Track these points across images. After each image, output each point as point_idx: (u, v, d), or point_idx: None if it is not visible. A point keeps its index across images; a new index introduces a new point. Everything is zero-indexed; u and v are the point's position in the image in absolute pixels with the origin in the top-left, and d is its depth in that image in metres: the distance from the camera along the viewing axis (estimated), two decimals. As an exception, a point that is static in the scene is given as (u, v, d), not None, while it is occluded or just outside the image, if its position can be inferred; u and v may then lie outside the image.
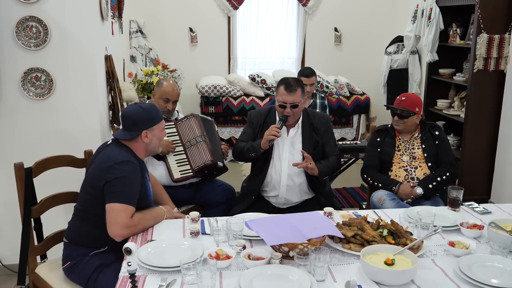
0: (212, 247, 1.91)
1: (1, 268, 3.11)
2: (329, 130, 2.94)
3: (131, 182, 2.05)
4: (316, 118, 2.92)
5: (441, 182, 2.86)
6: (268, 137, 2.71)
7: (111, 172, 2.04)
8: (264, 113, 2.96)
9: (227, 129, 5.57)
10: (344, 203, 4.55)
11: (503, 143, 4.08)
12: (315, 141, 2.87)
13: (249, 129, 2.96)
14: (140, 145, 2.18)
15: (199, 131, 3.01)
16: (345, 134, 5.73)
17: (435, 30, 4.76)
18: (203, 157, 2.95)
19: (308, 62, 6.28)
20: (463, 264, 1.74)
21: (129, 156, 2.11)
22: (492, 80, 4.15)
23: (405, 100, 2.94)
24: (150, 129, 2.17)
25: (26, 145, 2.94)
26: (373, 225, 2.01)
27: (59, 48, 2.85)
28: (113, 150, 2.14)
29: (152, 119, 2.18)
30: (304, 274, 1.66)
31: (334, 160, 2.91)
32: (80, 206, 2.19)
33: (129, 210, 2.01)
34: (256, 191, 2.89)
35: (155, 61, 5.30)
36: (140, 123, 2.15)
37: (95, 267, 2.09)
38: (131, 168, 2.07)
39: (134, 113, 2.16)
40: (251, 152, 2.82)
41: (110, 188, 2.02)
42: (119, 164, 2.05)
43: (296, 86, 2.74)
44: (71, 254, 2.16)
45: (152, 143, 2.20)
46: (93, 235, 2.13)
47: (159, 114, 2.24)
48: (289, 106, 2.73)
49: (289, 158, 2.84)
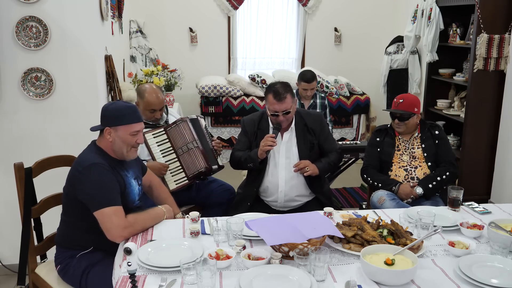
0: (212, 247, 1.91)
1: (1, 268, 3.11)
2: (324, 128, 2.91)
3: (103, 183, 2.01)
4: (309, 118, 2.88)
5: (441, 182, 2.86)
6: (264, 148, 2.68)
7: (81, 181, 2.02)
8: (257, 119, 2.90)
9: (227, 129, 5.57)
10: (344, 203, 4.56)
11: (503, 143, 4.08)
12: (311, 142, 2.84)
13: (244, 137, 2.93)
14: (104, 142, 2.13)
15: (190, 137, 2.95)
16: (345, 134, 5.72)
17: (435, 30, 4.75)
18: (197, 164, 2.92)
19: (308, 62, 6.29)
20: (463, 264, 1.74)
21: (96, 158, 2.06)
22: (492, 80, 4.15)
23: (403, 102, 2.93)
24: (114, 128, 2.09)
25: (26, 145, 2.94)
26: (373, 225, 2.01)
27: (59, 48, 2.85)
28: (83, 154, 2.13)
29: (119, 118, 2.08)
30: (304, 274, 1.66)
31: (334, 156, 2.89)
32: (62, 210, 2.21)
33: (118, 211, 1.99)
34: (252, 197, 2.86)
35: (155, 61, 5.30)
36: (106, 119, 2.10)
37: (82, 270, 2.10)
38: (97, 170, 2.02)
39: (106, 107, 2.12)
40: (249, 163, 2.79)
41: (87, 196, 2.01)
42: (85, 169, 2.02)
43: (284, 93, 2.68)
44: (59, 256, 2.18)
45: (116, 144, 2.11)
46: (76, 238, 2.14)
47: (131, 117, 2.11)
48: (281, 114, 2.70)
49: (286, 163, 2.81)
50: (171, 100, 4.68)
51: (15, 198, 2.26)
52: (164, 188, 2.55)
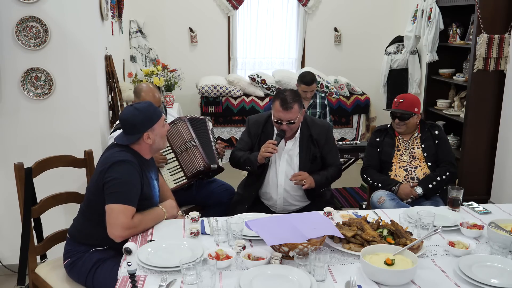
0: (212, 247, 1.91)
1: (1, 268, 3.11)
2: (329, 140, 2.84)
3: (129, 182, 2.04)
4: (316, 129, 2.80)
5: (441, 182, 2.86)
6: (264, 154, 2.64)
7: (108, 173, 2.03)
8: (262, 122, 2.85)
9: (227, 129, 5.57)
10: (344, 203, 4.56)
11: (503, 143, 4.08)
12: (313, 154, 2.78)
13: (247, 137, 2.89)
14: (143, 146, 2.16)
15: (188, 136, 2.94)
16: (345, 134, 5.73)
17: (435, 30, 4.75)
18: (196, 163, 2.91)
19: (308, 62, 6.28)
20: (463, 264, 1.74)
21: (127, 156, 2.09)
22: (492, 80, 4.14)
23: (404, 102, 2.93)
24: (151, 130, 2.14)
25: (26, 145, 2.94)
26: (373, 225, 2.01)
27: (59, 48, 2.85)
28: (113, 151, 2.13)
29: (150, 119, 2.14)
30: (304, 274, 1.66)
31: (333, 171, 2.84)
32: (84, 205, 2.21)
33: (128, 211, 2.00)
34: (251, 199, 2.84)
35: (155, 61, 5.30)
36: (140, 126, 2.12)
37: (93, 263, 2.09)
38: (128, 168, 2.05)
39: (131, 116, 2.12)
40: (248, 165, 2.77)
41: (108, 189, 2.02)
42: (116, 164, 2.04)
43: (292, 102, 2.60)
44: (72, 250, 2.17)
45: (156, 141, 2.17)
46: (95, 234, 2.13)
47: (157, 111, 2.19)
48: (285, 123, 2.65)
49: (286, 171, 2.78)
50: (171, 100, 4.68)
51: (15, 198, 2.26)
52: (166, 186, 2.56)
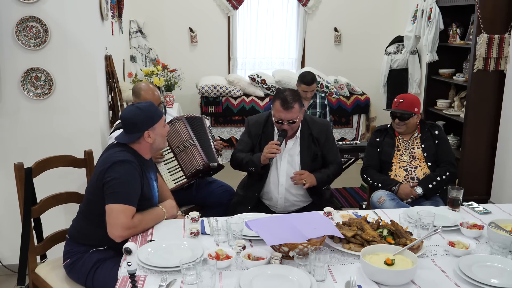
0: (212, 247, 1.91)
1: (1, 268, 3.11)
2: (329, 138, 2.85)
3: (129, 182, 2.04)
4: (316, 127, 2.82)
5: (441, 182, 2.86)
6: (268, 155, 2.64)
7: (108, 173, 2.04)
8: (262, 122, 2.85)
9: (227, 129, 5.57)
10: (344, 203, 4.56)
11: (503, 143, 4.08)
12: (314, 153, 2.79)
13: (247, 138, 2.88)
14: (143, 145, 2.17)
15: (186, 135, 2.94)
16: (345, 134, 5.72)
17: (435, 30, 4.75)
18: (195, 162, 2.90)
19: (308, 62, 6.28)
20: (463, 264, 1.74)
21: (127, 155, 2.09)
22: (492, 80, 4.14)
23: (404, 102, 2.93)
24: (151, 129, 2.15)
25: (26, 145, 2.94)
26: (373, 225, 2.01)
27: (59, 48, 2.85)
28: (113, 151, 2.14)
29: (152, 118, 2.16)
30: (304, 274, 1.66)
31: (334, 169, 2.86)
32: (84, 206, 2.21)
33: (128, 211, 2.00)
34: (253, 200, 2.84)
35: (155, 61, 5.30)
36: (140, 125, 2.13)
37: (93, 263, 2.09)
38: (128, 168, 2.06)
39: (132, 115, 2.14)
40: (251, 166, 2.76)
41: (109, 189, 2.03)
42: (116, 164, 2.05)
43: (293, 102, 2.61)
44: (71, 251, 2.17)
45: (156, 141, 2.19)
46: (95, 235, 2.13)
47: (158, 111, 2.21)
48: (286, 123, 2.65)
49: (288, 170, 2.78)
50: (171, 100, 4.68)
51: (15, 198, 2.26)
52: (166, 186, 2.56)
